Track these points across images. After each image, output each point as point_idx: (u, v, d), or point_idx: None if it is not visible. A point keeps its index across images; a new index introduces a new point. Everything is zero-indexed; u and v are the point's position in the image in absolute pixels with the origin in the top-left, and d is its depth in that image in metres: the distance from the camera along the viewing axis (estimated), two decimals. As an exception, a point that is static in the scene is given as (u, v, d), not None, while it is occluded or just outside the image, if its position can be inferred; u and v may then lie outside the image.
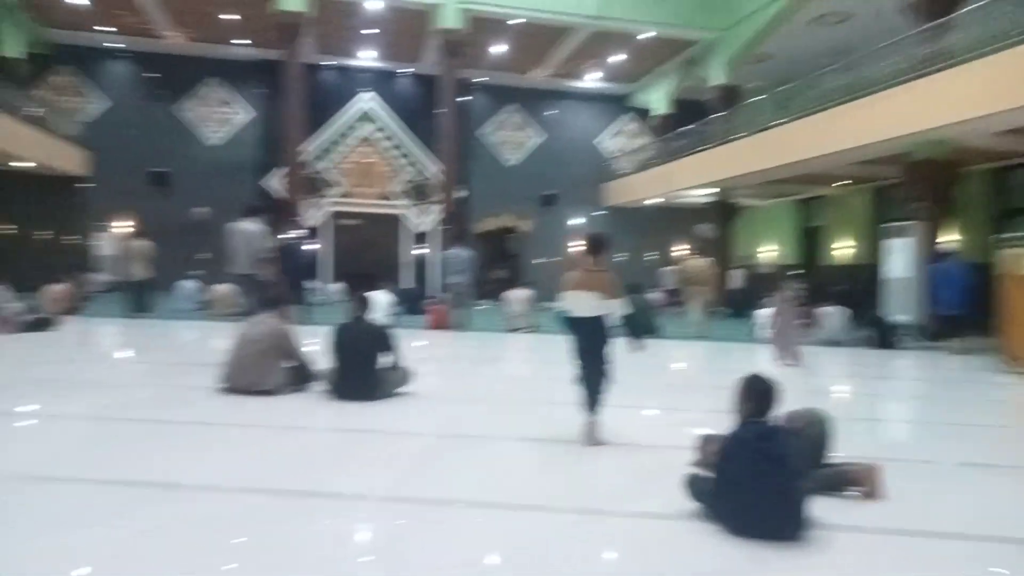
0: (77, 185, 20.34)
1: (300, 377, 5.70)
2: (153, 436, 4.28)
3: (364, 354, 5.37)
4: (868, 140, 12.64)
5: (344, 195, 21.74)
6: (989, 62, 10.33)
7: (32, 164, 17.77)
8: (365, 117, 21.89)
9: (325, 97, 21.24)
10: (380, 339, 5.49)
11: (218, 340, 9.55)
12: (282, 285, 8.42)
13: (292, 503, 3.07)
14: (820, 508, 2.95)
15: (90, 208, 20.42)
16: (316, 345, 5.88)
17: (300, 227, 14.20)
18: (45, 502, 2.97)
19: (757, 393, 2.91)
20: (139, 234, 12.75)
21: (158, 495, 3.11)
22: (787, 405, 3.02)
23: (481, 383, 7.17)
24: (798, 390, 3.89)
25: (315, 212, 21.25)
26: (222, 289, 13.12)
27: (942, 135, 11.71)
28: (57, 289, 12.04)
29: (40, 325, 9.62)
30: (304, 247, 12.92)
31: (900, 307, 12.18)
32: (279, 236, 13.32)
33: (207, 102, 21.66)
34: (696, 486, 2.97)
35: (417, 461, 3.90)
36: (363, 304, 5.66)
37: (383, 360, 5.47)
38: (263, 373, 5.37)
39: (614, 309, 4.24)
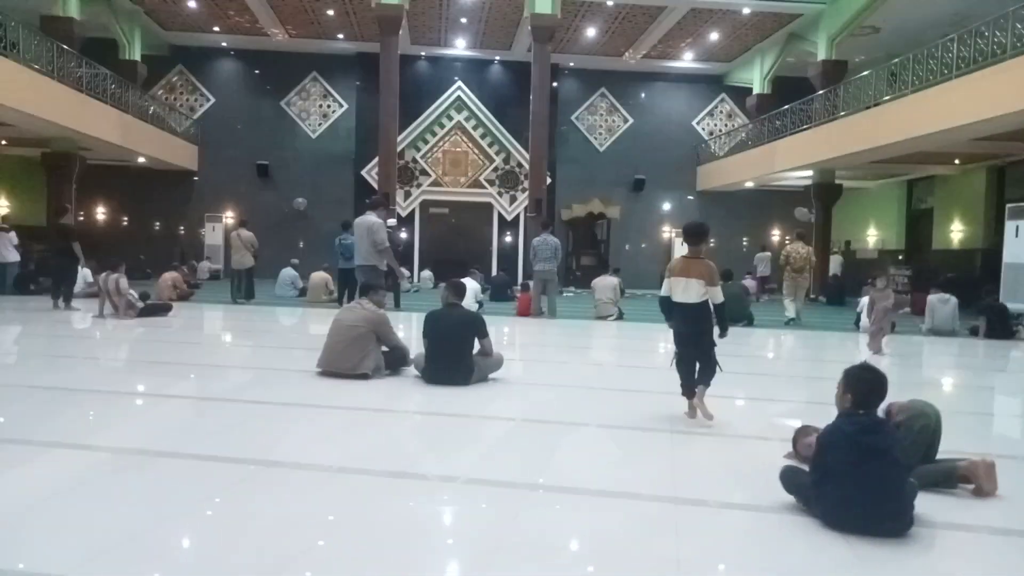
0: (189, 179, 21.64)
1: (395, 362, 5.86)
2: (254, 416, 4.50)
3: (457, 340, 5.45)
4: (989, 114, 11.72)
5: (434, 183, 22.13)
6: None
7: (147, 159, 18.98)
8: (456, 106, 22.18)
9: (418, 87, 21.68)
10: (473, 325, 5.57)
11: (314, 325, 10.01)
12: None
13: (383, 483, 3.15)
14: (928, 504, 2.78)
15: (200, 200, 21.72)
16: (409, 331, 6.01)
17: (394, 215, 14.50)
18: (155, 476, 3.18)
19: (862, 384, 2.77)
20: (244, 224, 13.40)
21: (258, 472, 3.26)
22: (889, 397, 2.84)
23: (569, 370, 7.15)
24: (897, 381, 3.65)
25: (407, 201, 21.77)
26: (318, 277, 13.66)
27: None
28: (170, 277, 12.84)
29: (156, 311, 10.26)
30: (399, 235, 13.20)
31: (1019, 294, 11.29)
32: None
33: (308, 96, 22.51)
34: (792, 478, 2.86)
35: (505, 445, 3.94)
36: (457, 291, 5.74)
37: (475, 346, 5.54)
38: (359, 358, 5.54)
39: (715, 297, 4.36)
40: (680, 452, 3.87)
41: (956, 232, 18.69)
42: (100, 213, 21.55)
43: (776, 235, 22.60)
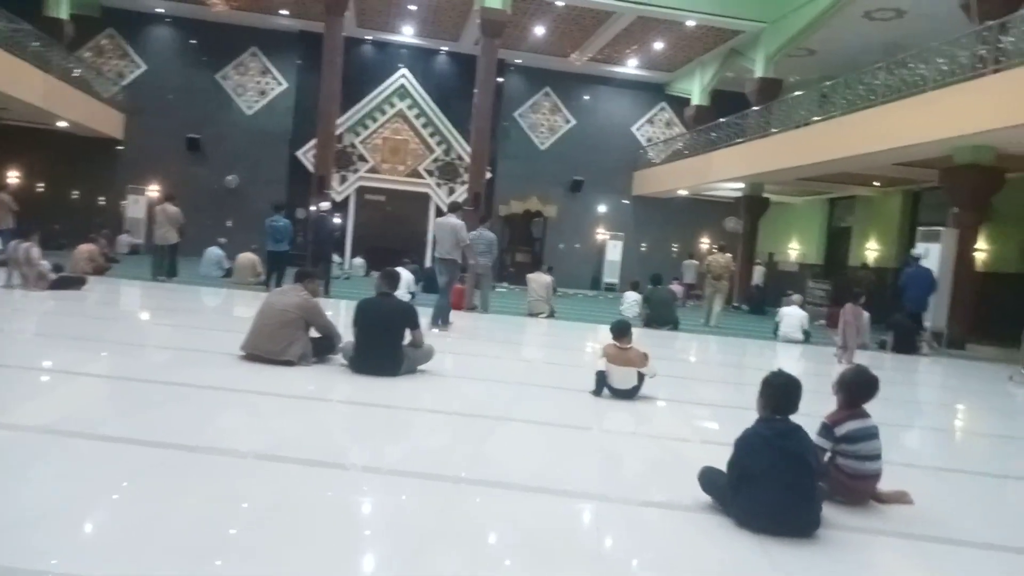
0: (113, 148, 20.64)
1: (323, 349, 5.75)
2: (172, 398, 4.34)
3: (389, 330, 5.39)
4: (910, 141, 12.35)
5: (372, 170, 21.81)
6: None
7: (69, 123, 18.03)
8: (400, 93, 21.90)
9: (361, 71, 21.31)
10: (406, 316, 5.52)
11: (240, 307, 9.73)
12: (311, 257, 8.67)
13: (306, 472, 3.10)
14: (829, 509, 2.93)
15: (123, 171, 20.73)
16: (336, 318, 5.91)
17: (329, 200, 14.23)
18: (61, 457, 3.03)
19: (778, 391, 2.89)
20: (170, 199, 12.88)
21: (175, 457, 3.15)
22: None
23: (499, 365, 7.16)
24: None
25: (343, 186, 21.38)
26: (245, 258, 13.26)
27: (987, 140, 11.43)
28: (87, 249, 12.23)
29: (69, 284, 9.75)
30: (332, 220, 12.97)
31: (925, 313, 11.97)
32: (309, 208, 13.46)
33: (246, 71, 21.81)
34: (710, 479, 2.96)
35: (432, 438, 3.93)
36: (391, 280, 5.66)
37: (406, 337, 5.49)
38: (287, 343, 5.41)
39: (651, 372, 5.19)
40: (606, 450, 3.95)
41: (871, 251, 19.63)
42: (13, 177, 20.32)
43: (705, 243, 23.25)
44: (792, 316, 11.50)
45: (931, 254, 12.29)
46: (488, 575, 2.25)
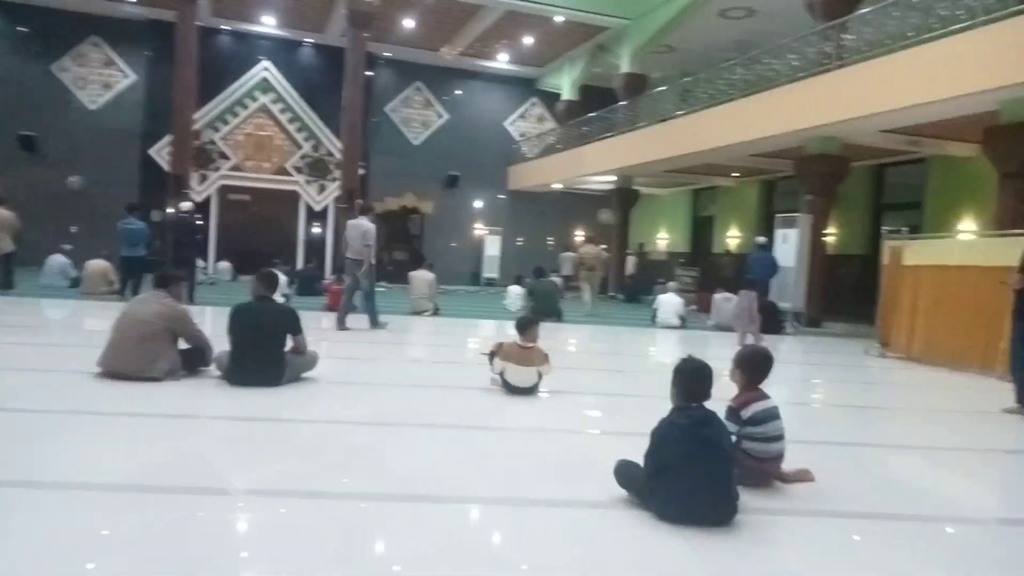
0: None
1: (194, 361, 5.26)
2: (14, 426, 3.78)
3: (268, 336, 4.98)
4: (765, 133, 13.13)
5: (235, 168, 20.59)
6: (879, 63, 10.90)
7: None
8: (262, 87, 20.77)
9: (219, 64, 20.06)
10: (287, 320, 5.13)
11: (92, 320, 8.83)
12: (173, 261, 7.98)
13: (180, 501, 2.74)
14: (743, 494, 2.94)
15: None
16: (202, 327, 5.41)
17: (189, 200, 13.25)
18: None
19: (690, 379, 2.85)
20: (1, 202, 11.50)
21: (21, 495, 2.71)
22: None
23: (386, 368, 6.88)
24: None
25: (203, 185, 20.06)
26: (96, 265, 12.07)
27: (833, 131, 12.31)
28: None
29: None
30: (196, 222, 12.07)
31: (786, 294, 12.78)
32: (166, 210, 12.46)
33: (87, 62, 19.93)
34: (626, 473, 2.89)
35: (322, 451, 3.61)
36: (268, 282, 5.25)
37: (288, 343, 5.12)
38: (151, 358, 4.88)
39: (548, 372, 5.21)
40: (510, 450, 3.81)
41: (733, 238, 20.79)
42: None
43: (580, 236, 23.77)
44: (668, 303, 11.91)
45: (789, 239, 13.11)
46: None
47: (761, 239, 14.83)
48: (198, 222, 19.04)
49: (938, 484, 3.80)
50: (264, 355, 4.93)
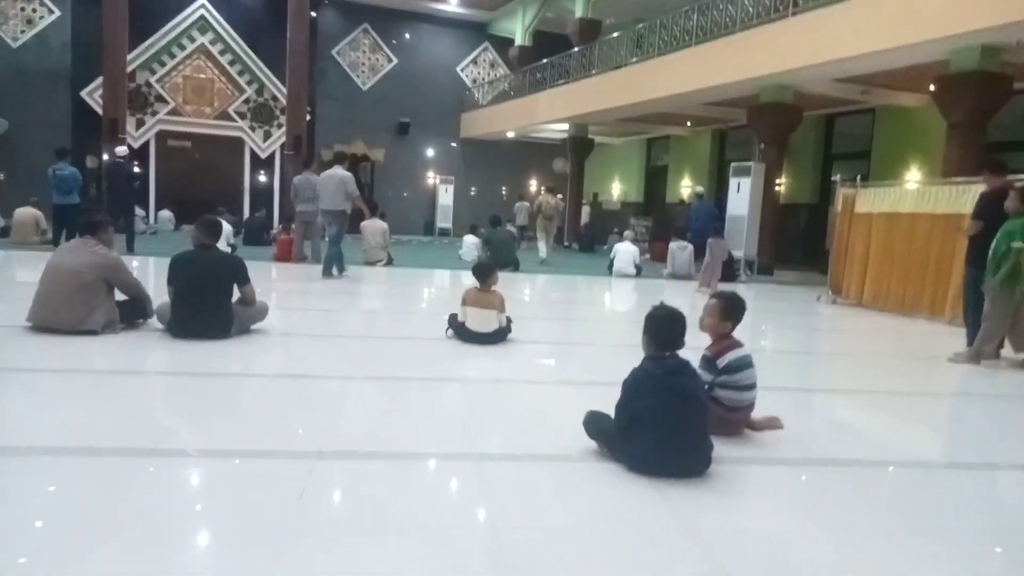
0: None
1: (133, 313, 4.97)
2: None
3: (213, 286, 4.71)
4: (719, 81, 13.02)
5: (174, 112, 19.61)
6: (828, 12, 10.82)
7: None
8: (200, 26, 19.67)
9: (154, 2, 18.85)
10: (233, 269, 4.86)
11: (22, 271, 8.33)
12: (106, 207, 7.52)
13: (124, 464, 2.54)
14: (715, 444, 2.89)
15: None
16: (144, 279, 5.10)
17: (125, 145, 12.54)
18: None
19: (664, 326, 2.74)
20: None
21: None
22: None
23: (339, 319, 6.65)
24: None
25: (140, 131, 19.09)
26: (25, 213, 11.40)
27: (787, 80, 12.28)
28: None
29: None
30: (132, 168, 11.44)
31: (739, 243, 12.88)
32: (102, 156, 11.77)
33: (4, -4, 18.52)
34: (596, 424, 2.79)
35: (275, 407, 3.43)
36: (210, 230, 4.94)
37: (235, 294, 4.87)
38: (86, 311, 4.58)
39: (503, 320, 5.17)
40: (472, 403, 3.69)
41: (686, 188, 20.83)
42: None
43: (534, 185, 23.53)
44: (626, 252, 11.88)
45: (743, 188, 13.15)
46: (375, 562, 1.92)
47: (699, 189, 15.38)
48: (135, 169, 18.31)
49: (894, 429, 3.84)
50: (209, 306, 4.67)
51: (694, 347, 2.98)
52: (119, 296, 4.90)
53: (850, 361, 5.83)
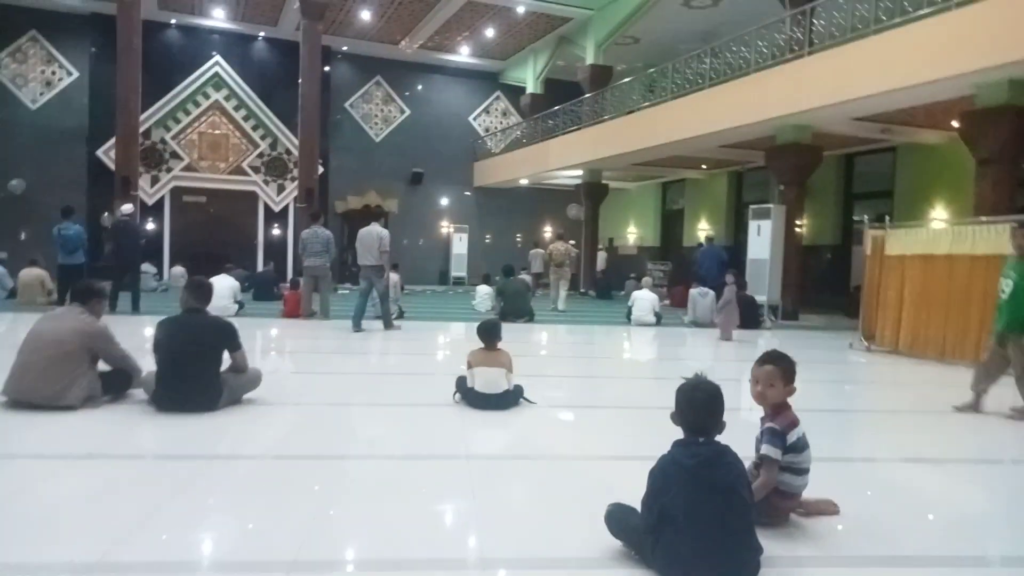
0: None
1: (118, 383, 4.64)
2: None
3: (199, 354, 4.36)
4: (734, 123, 12.78)
5: (188, 168, 19.71)
6: (846, 50, 10.59)
7: None
8: (214, 83, 19.91)
9: (168, 60, 19.20)
10: (221, 335, 4.50)
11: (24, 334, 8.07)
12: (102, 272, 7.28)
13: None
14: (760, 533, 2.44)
15: None
16: (144, 336, 4.77)
17: (131, 202, 12.45)
18: None
19: (696, 406, 2.30)
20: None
21: None
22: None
23: (346, 383, 6.19)
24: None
25: (154, 187, 19.17)
26: (30, 274, 11.24)
27: (804, 119, 12.00)
28: None
29: None
30: (139, 226, 11.32)
31: (761, 287, 12.44)
32: (109, 214, 11.67)
33: (26, 59, 18.86)
34: (621, 520, 2.36)
35: (266, 498, 3.03)
36: (199, 292, 4.62)
37: (226, 359, 4.52)
38: (65, 384, 4.25)
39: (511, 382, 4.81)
40: (476, 489, 3.25)
41: (703, 230, 20.47)
42: None
43: (548, 232, 23.30)
44: (644, 299, 11.47)
45: (763, 231, 12.76)
46: None
47: (708, 233, 15.22)
48: (150, 225, 18.31)
49: (973, 508, 3.34)
50: (196, 376, 4.31)
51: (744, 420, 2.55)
52: (103, 366, 4.58)
53: (900, 420, 5.31)
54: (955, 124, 11.12)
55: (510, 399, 4.75)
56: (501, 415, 4.62)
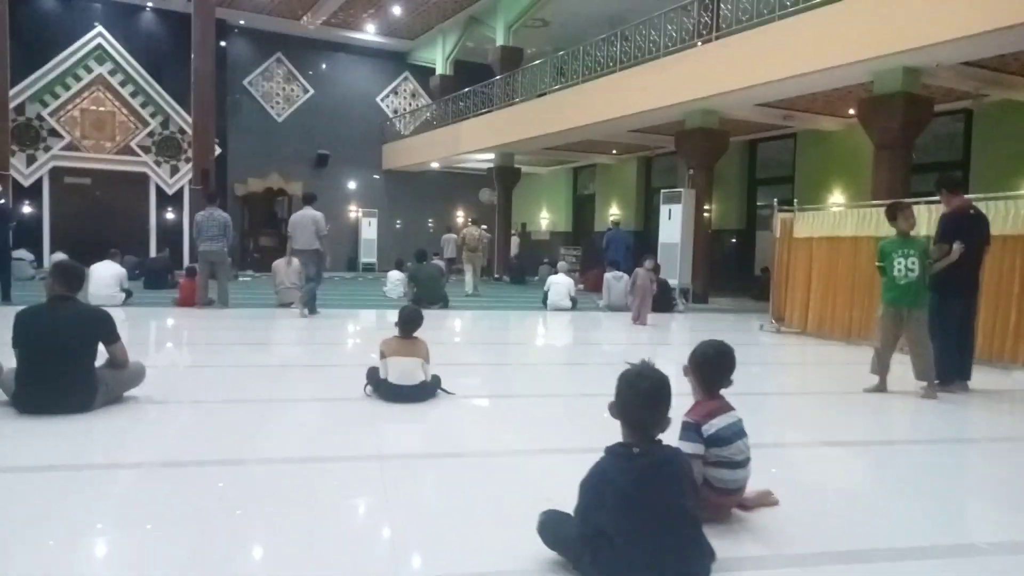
0: None
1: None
2: None
3: (69, 348, 3.82)
4: (644, 107, 12.83)
5: (70, 147, 18.17)
6: (751, 35, 10.75)
7: None
8: (97, 56, 18.38)
9: (43, 30, 17.60)
10: (96, 325, 3.97)
11: None
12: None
13: None
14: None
15: None
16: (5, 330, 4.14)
17: (2, 183, 11.29)
18: None
19: (637, 401, 2.01)
20: None
21: None
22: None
23: (242, 377, 5.61)
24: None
25: (31, 167, 17.58)
26: None
27: (711, 104, 12.16)
28: None
29: None
30: (7, 207, 10.23)
31: (673, 271, 12.58)
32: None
33: None
34: (555, 531, 2.09)
35: (144, 511, 2.62)
36: (67, 277, 4.05)
37: (100, 353, 4.00)
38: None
39: (428, 373, 4.52)
40: (391, 493, 2.95)
41: (613, 216, 20.64)
42: None
43: (461, 217, 22.94)
44: (560, 284, 11.36)
45: (674, 215, 12.89)
46: None
47: (614, 217, 15.37)
48: (26, 208, 16.77)
49: (903, 497, 3.31)
50: (64, 373, 3.78)
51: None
52: (-47, 364, 3.97)
53: (817, 402, 5.33)
54: (852, 112, 11.54)
55: (427, 391, 4.45)
56: (417, 408, 4.31)
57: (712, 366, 2.55)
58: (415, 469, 3.26)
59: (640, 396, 2.01)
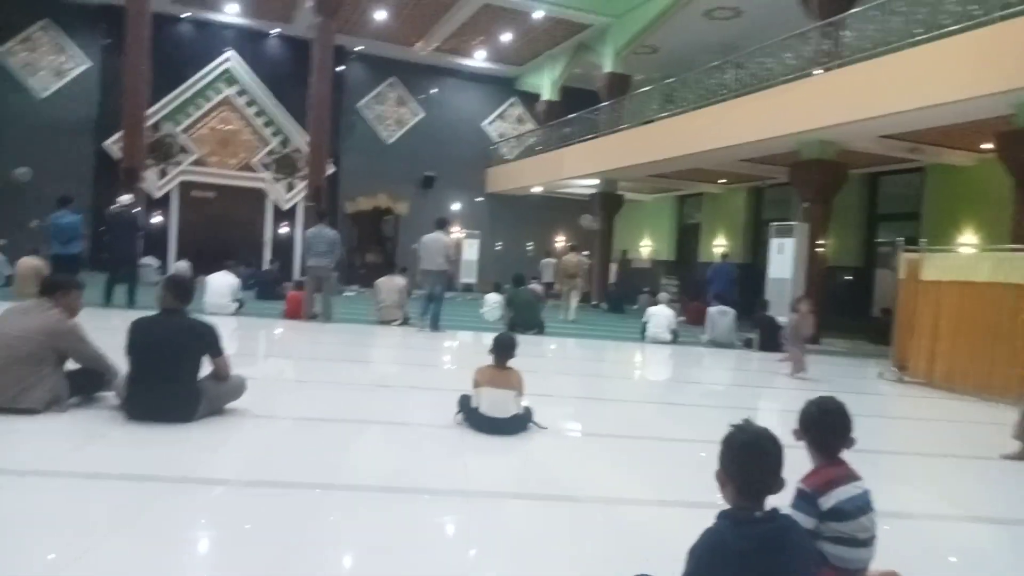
0: None
1: (90, 384, 4.23)
2: None
3: (175, 358, 3.95)
4: (757, 137, 12.34)
5: (198, 163, 19.38)
6: (877, 64, 10.14)
7: None
8: (226, 78, 19.59)
9: (179, 53, 18.91)
10: (200, 338, 4.07)
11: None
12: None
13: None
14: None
15: None
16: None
17: (131, 193, 12.10)
18: None
19: (749, 463, 1.78)
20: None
21: None
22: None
23: (341, 395, 5.60)
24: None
25: (163, 180, 18.86)
26: (27, 264, 10.86)
27: (829, 135, 11.56)
28: None
29: None
30: (137, 217, 10.92)
31: (782, 308, 11.92)
32: (110, 207, 11.31)
33: (36, 48, 18.61)
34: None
35: (227, 533, 2.60)
36: (178, 290, 4.19)
37: (204, 365, 4.10)
38: (26, 384, 3.84)
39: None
40: (475, 537, 2.82)
41: (719, 247, 19.98)
42: None
43: (561, 242, 22.85)
44: (660, 316, 10.98)
45: (785, 249, 12.25)
46: None
47: (722, 249, 14.77)
48: (157, 218, 17.97)
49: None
50: (171, 382, 3.89)
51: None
52: (72, 364, 4.17)
53: (948, 465, 4.75)
54: (989, 145, 10.65)
55: (518, 424, 4.30)
56: (507, 442, 4.17)
57: (821, 427, 2.27)
58: (504, 510, 3.11)
59: (743, 452, 1.79)
